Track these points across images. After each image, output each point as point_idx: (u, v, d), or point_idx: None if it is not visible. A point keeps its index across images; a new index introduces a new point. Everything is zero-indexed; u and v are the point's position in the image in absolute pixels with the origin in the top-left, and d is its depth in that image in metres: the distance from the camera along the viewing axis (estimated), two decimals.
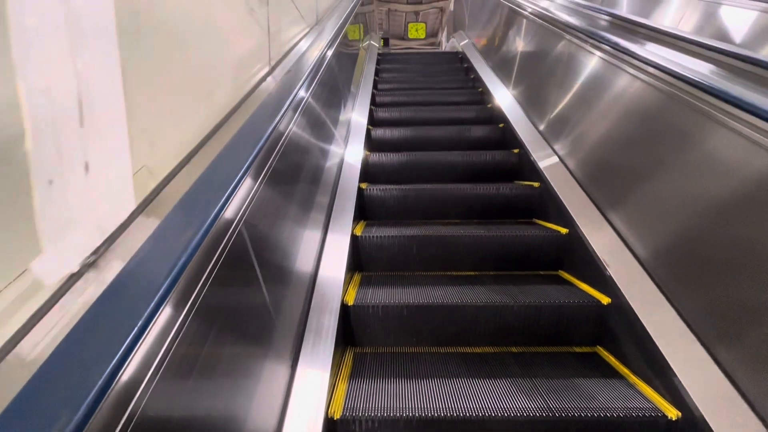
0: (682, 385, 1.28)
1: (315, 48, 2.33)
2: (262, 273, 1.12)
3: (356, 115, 3.43)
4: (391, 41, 14.63)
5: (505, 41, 4.13)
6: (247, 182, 1.07)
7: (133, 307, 0.61)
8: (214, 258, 0.85)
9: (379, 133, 3.34)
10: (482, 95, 4.21)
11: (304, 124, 1.77)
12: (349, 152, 2.78)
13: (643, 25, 2.02)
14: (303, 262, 1.57)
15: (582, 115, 2.34)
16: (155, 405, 0.63)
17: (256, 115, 1.31)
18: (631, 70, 1.91)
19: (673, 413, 1.30)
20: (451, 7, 9.88)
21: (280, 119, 1.34)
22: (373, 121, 3.65)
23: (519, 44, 3.76)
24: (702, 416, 1.21)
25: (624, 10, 3.68)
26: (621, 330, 1.61)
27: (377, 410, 1.35)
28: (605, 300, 1.70)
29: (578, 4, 2.77)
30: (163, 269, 0.68)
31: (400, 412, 1.34)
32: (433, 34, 14.88)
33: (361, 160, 2.73)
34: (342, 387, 1.45)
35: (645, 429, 1.32)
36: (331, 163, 2.30)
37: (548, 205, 2.34)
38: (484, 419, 1.33)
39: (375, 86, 4.49)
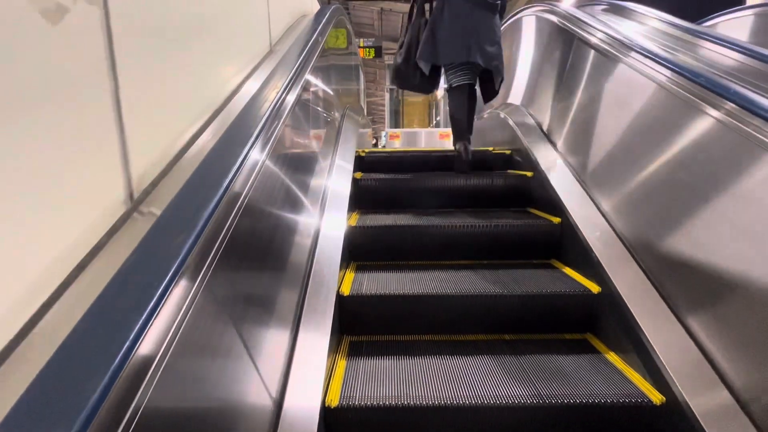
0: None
1: None
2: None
3: None
4: (385, 44, 13.86)
5: None
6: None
7: None
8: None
9: None
10: None
11: None
12: None
13: None
14: None
15: None
16: None
17: None
18: None
19: (657, 398, 1.35)
20: None
21: None
22: None
23: None
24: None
25: None
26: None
27: (372, 398, 1.39)
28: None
29: None
30: None
31: (394, 401, 1.38)
32: None
33: None
34: None
35: (631, 413, 1.37)
36: None
37: None
38: (477, 407, 1.37)
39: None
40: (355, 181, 2.52)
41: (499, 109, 3.58)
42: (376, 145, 19.31)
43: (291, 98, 1.58)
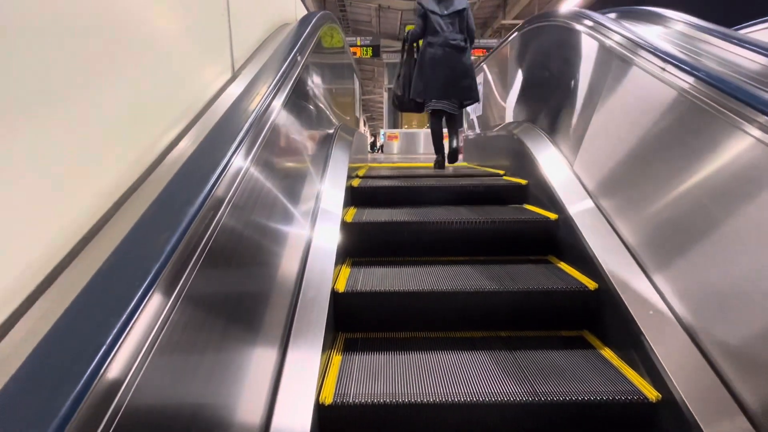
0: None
1: None
2: None
3: None
4: (383, 42, 13.56)
5: None
6: None
7: None
8: None
9: None
10: None
11: None
12: None
13: None
14: None
15: None
16: None
17: None
18: None
19: (653, 395, 1.34)
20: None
21: None
22: None
23: None
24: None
25: None
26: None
27: (366, 396, 1.38)
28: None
29: None
30: None
31: (389, 398, 1.37)
32: None
33: None
34: None
35: (627, 410, 1.36)
36: None
37: None
38: (472, 404, 1.36)
39: None
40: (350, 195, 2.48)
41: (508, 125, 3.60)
42: (374, 143, 19.22)
43: (251, 154, 1.22)
